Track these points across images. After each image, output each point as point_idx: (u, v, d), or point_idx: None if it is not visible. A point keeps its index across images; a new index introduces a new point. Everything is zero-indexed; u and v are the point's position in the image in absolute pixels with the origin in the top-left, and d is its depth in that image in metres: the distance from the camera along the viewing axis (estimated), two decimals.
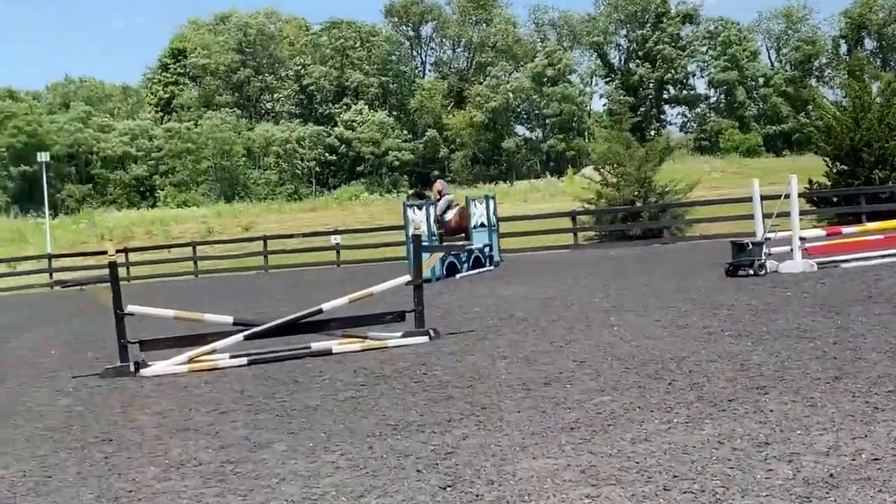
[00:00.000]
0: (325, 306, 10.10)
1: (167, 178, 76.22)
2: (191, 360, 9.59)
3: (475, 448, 5.38)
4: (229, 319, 10.12)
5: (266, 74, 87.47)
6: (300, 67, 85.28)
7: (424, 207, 19.50)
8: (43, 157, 45.03)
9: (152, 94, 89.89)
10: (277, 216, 52.80)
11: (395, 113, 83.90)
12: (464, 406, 6.59)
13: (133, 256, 30.81)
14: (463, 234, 22.24)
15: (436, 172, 34.87)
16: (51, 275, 29.89)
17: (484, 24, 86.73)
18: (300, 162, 79.80)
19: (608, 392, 6.61)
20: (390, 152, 79.54)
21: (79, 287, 11.19)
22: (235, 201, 68.40)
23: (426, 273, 12.26)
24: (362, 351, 9.83)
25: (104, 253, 29.97)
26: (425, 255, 11.49)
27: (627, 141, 28.10)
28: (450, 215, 25.45)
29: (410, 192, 30.16)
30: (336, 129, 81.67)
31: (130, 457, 5.98)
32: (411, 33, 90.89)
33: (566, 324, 10.43)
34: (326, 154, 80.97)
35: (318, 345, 10.04)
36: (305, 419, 6.67)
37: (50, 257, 30.97)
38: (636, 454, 4.93)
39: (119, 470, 5.66)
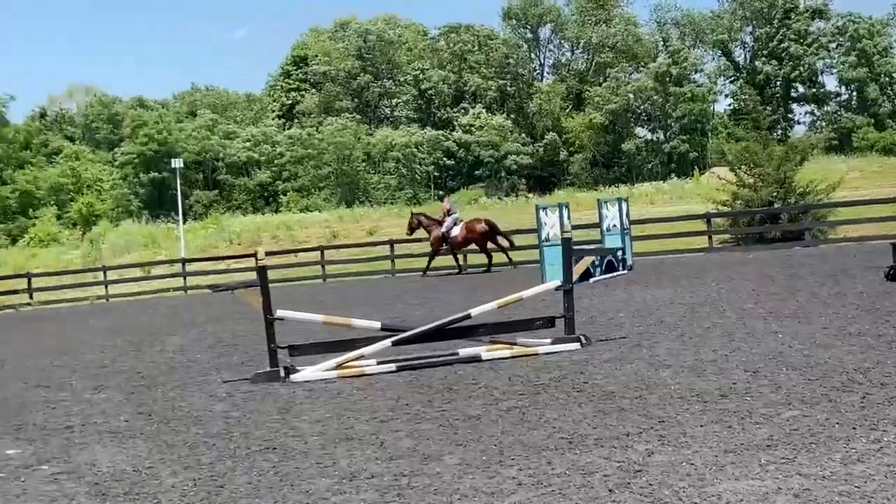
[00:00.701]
0: (473, 311, 9.87)
1: (290, 184, 77.62)
2: (339, 366, 9.47)
3: (665, 466, 5.04)
4: (377, 325, 9.98)
5: (385, 80, 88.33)
6: (418, 72, 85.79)
7: (558, 210, 19.07)
8: (177, 163, 46.30)
9: (274, 101, 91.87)
10: (399, 220, 52.96)
11: (513, 116, 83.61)
12: (638, 419, 6.25)
13: (271, 260, 31.21)
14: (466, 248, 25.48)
15: (441, 192, 35.99)
16: (184, 279, 30.58)
17: (603, 25, 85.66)
18: (419, 166, 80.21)
19: (795, 405, 6.17)
20: (509, 156, 79.30)
21: (230, 291, 11.15)
22: (356, 205, 69.18)
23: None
24: (512, 358, 9.56)
25: (235, 257, 30.44)
26: (555, 259, 11.19)
27: (765, 139, 27.09)
28: (455, 231, 26.05)
29: (415, 210, 31.18)
30: (454, 133, 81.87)
31: (298, 467, 5.83)
32: (529, 36, 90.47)
33: (723, 331, 9.96)
34: (445, 158, 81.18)
35: (465, 351, 9.81)
36: (471, 430, 6.42)
37: (183, 262, 31.70)
38: (853, 476, 4.51)
39: (290, 480, 5.51)
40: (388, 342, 9.67)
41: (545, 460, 5.39)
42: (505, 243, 25.97)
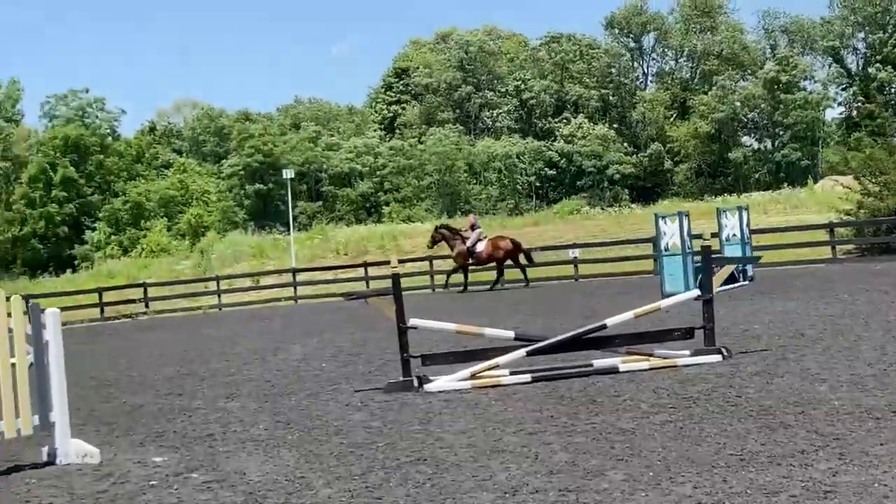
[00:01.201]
0: (609, 321, 9.60)
1: (392, 195, 78.15)
2: (473, 376, 9.30)
3: (856, 487, 4.70)
4: (510, 334, 9.79)
5: (486, 90, 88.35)
6: (520, 82, 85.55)
7: (678, 219, 18.61)
8: (288, 173, 47.03)
9: (376, 112, 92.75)
10: (502, 231, 52.76)
11: (615, 126, 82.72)
12: (809, 435, 5.90)
13: (371, 271, 31.40)
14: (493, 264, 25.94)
15: (468, 208, 36.21)
16: (295, 288, 30.93)
17: (709, 33, 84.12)
18: (520, 176, 79.91)
19: None
20: (611, 166, 78.42)
21: (364, 300, 11.11)
22: (458, 216, 69.22)
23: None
24: (650, 369, 9.25)
25: (342, 267, 30.60)
26: (675, 269, 10.80)
27: (891, 146, 26.08)
28: (480, 247, 26.59)
29: (438, 224, 31.36)
30: (556, 143, 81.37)
31: (455, 479, 5.65)
32: (633, 44, 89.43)
33: (873, 344, 9.51)
34: (546, 168, 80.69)
35: (601, 362, 9.55)
36: (628, 444, 6.16)
37: (294, 271, 32.09)
38: None
39: (449, 494, 5.33)
40: (522, 352, 9.47)
41: (720, 478, 5.10)
42: (525, 262, 26.77)
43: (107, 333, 22.80)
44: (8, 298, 7.41)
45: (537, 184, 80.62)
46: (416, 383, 9.31)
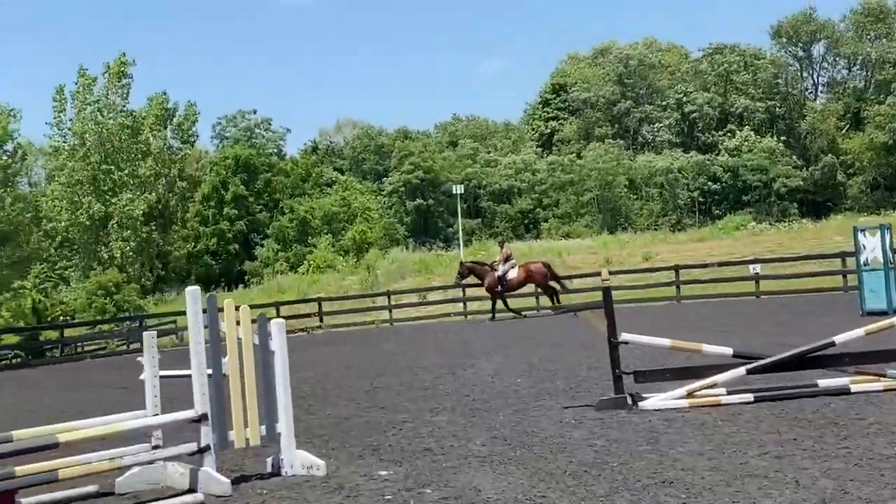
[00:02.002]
0: (838, 339, 8.99)
1: (551, 211, 77.66)
2: (689, 395, 8.88)
3: None
4: (728, 351, 9.31)
5: (646, 104, 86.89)
6: (681, 95, 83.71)
7: (878, 232, 17.54)
8: (458, 189, 47.38)
9: (533, 129, 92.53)
10: (668, 246, 51.56)
11: (783, 138, 79.80)
12: None
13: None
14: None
15: (500, 238, 35.47)
16: (464, 304, 30.92)
17: (883, 39, 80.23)
18: (682, 191, 78.05)
19: None
20: (778, 179, 75.62)
21: (573, 313, 10.88)
22: (618, 232, 68.14)
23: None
24: (886, 391, 8.62)
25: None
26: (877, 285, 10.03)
27: None
28: (512, 274, 26.82)
29: (462, 260, 30.78)
30: (720, 157, 79.13)
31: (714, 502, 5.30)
32: (801, 53, 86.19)
33: None
34: (709, 183, 78.53)
35: (827, 382, 8.98)
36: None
37: (464, 287, 32.10)
38: None
39: None
40: (742, 370, 8.98)
41: None
42: (557, 286, 27.04)
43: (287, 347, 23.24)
44: (237, 308, 7.50)
45: (700, 199, 78.52)
46: (629, 401, 8.96)
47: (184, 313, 28.65)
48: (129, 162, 54.63)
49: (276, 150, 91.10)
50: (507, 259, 27.39)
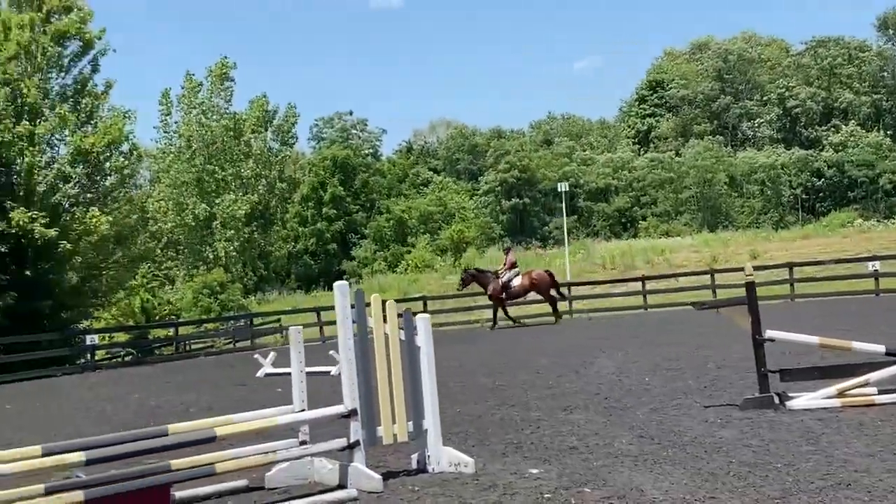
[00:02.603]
0: None
1: (649, 209, 76.61)
2: (840, 394, 8.53)
3: None
4: (880, 349, 8.92)
5: (745, 100, 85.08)
6: (783, 90, 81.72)
7: None
8: (562, 186, 47.14)
9: (629, 126, 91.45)
10: (774, 244, 50.39)
11: (890, 132, 77.24)
12: None
13: (648, 285, 30.60)
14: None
15: (506, 245, 34.20)
16: (570, 303, 30.59)
17: None
18: (784, 188, 76.18)
19: None
20: (885, 174, 73.20)
21: (715, 310, 10.59)
22: (719, 230, 66.84)
23: None
24: None
25: (614, 281, 29.93)
26: None
27: None
28: (516, 281, 26.54)
29: (466, 267, 31.11)
30: (824, 152, 76.99)
31: None
32: None
33: None
34: (813, 179, 76.48)
35: None
36: None
37: (569, 285, 31.81)
38: None
39: None
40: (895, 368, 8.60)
41: None
42: (557, 295, 26.99)
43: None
44: (384, 302, 7.46)
45: (803, 196, 76.54)
46: (776, 400, 8.66)
47: (287, 312, 29.04)
48: (232, 163, 55.68)
49: (372, 151, 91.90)
50: (511, 266, 27.16)
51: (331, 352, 17.62)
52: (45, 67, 26.74)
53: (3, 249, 24.29)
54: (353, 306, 7.22)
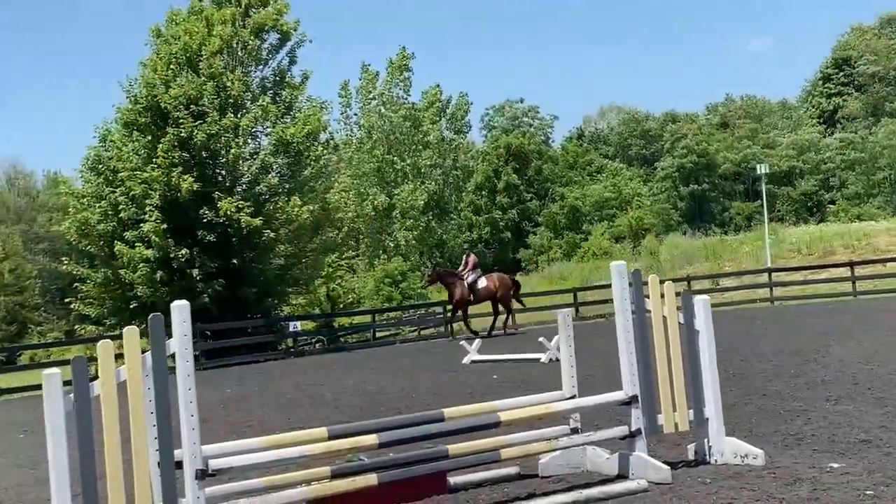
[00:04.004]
0: None
1: (838, 192, 73.08)
2: None
3: None
4: None
5: None
6: None
7: None
8: (762, 168, 45.60)
9: (813, 107, 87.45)
10: None
11: None
12: None
13: (858, 270, 29.03)
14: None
15: (466, 246, 30.26)
16: (771, 289, 29.35)
17: None
18: None
19: None
20: None
21: None
22: None
23: None
24: None
25: (817, 267, 28.52)
26: None
27: None
28: (482, 283, 24.79)
29: (429, 271, 27.22)
30: None
31: None
32: None
33: None
34: None
35: None
36: None
37: (770, 271, 30.56)
38: None
39: None
40: None
41: None
42: (517, 305, 25.71)
43: (591, 333, 22.87)
44: (662, 282, 7.08)
45: None
46: None
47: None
48: (411, 153, 56.34)
49: (544, 138, 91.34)
50: (474, 267, 25.54)
51: (540, 338, 17.41)
52: (246, 61, 27.54)
53: (211, 238, 25.20)
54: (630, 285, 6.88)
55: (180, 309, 5.62)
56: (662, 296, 7.00)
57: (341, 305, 43.18)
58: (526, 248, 70.80)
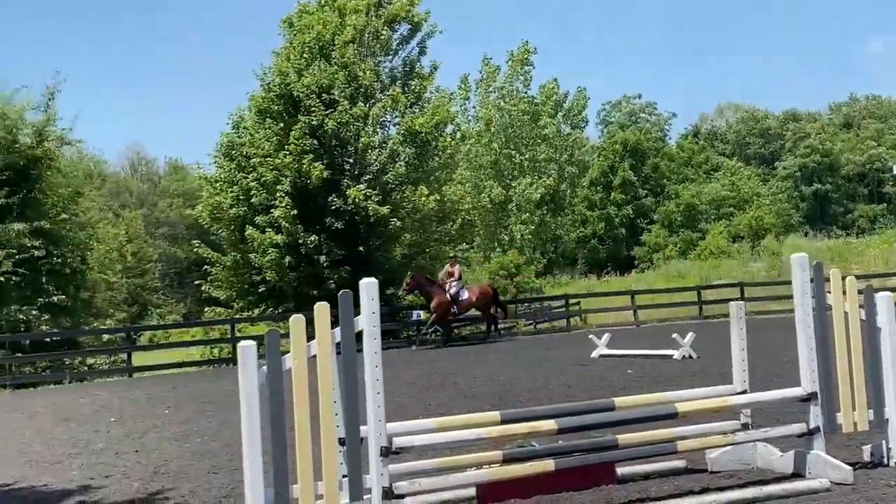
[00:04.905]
0: None
1: None
2: None
3: None
4: None
5: None
6: None
7: None
8: None
9: None
10: None
11: None
12: None
13: None
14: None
15: (452, 255, 27.15)
16: None
17: None
18: None
19: None
20: None
21: None
22: None
23: None
24: None
25: None
26: None
27: None
28: (465, 294, 24.17)
29: (416, 272, 25.57)
30: None
31: None
32: None
33: None
34: None
35: None
36: None
37: None
38: None
39: None
40: None
41: None
42: (500, 313, 25.26)
43: (723, 331, 22.44)
44: (843, 278, 6.88)
45: None
46: None
47: (581, 296, 28.52)
48: (528, 147, 56.19)
49: (660, 135, 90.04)
50: (459, 277, 24.59)
51: (674, 335, 17.16)
52: (377, 51, 27.85)
53: (339, 226, 25.57)
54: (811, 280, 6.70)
55: (369, 287, 5.72)
56: (844, 292, 6.80)
57: None
58: (640, 246, 69.86)
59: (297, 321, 5.64)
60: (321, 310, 5.70)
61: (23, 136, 26.00)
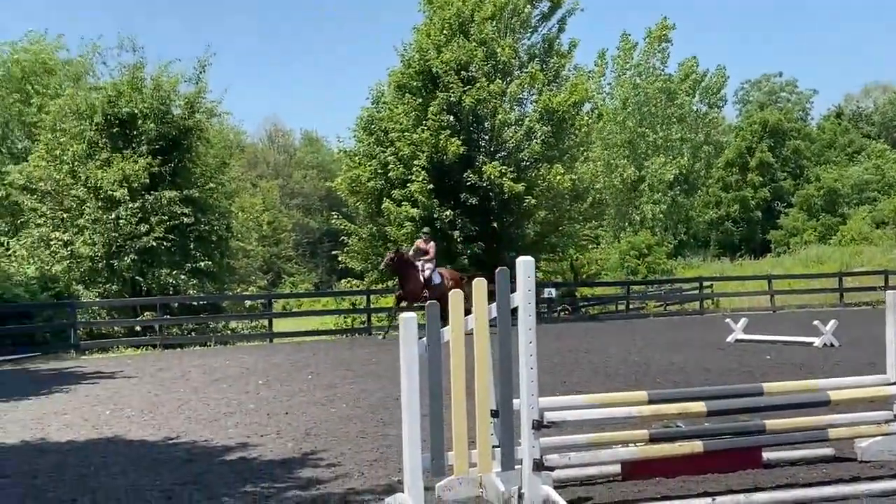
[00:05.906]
0: None
1: None
2: None
3: None
4: None
5: None
6: None
7: None
8: None
9: None
10: None
11: None
12: None
13: None
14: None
15: (426, 229, 21.92)
16: None
17: None
18: None
19: None
20: None
21: None
22: None
23: None
24: None
25: None
26: None
27: None
28: (437, 279, 21.12)
29: (403, 253, 21.55)
30: None
31: None
32: None
33: None
34: None
35: None
36: None
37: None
38: None
39: None
40: None
41: None
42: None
43: (863, 320, 21.86)
44: None
45: None
46: None
47: (716, 279, 27.92)
48: (663, 126, 55.31)
49: (801, 115, 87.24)
50: (432, 258, 21.67)
51: (815, 322, 16.80)
52: (517, 28, 27.87)
53: (473, 202, 25.79)
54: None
55: (526, 265, 5.87)
56: None
57: (585, 276, 43.14)
58: (776, 230, 67.97)
59: (455, 295, 5.85)
60: (478, 285, 5.90)
61: (175, 107, 27.03)
